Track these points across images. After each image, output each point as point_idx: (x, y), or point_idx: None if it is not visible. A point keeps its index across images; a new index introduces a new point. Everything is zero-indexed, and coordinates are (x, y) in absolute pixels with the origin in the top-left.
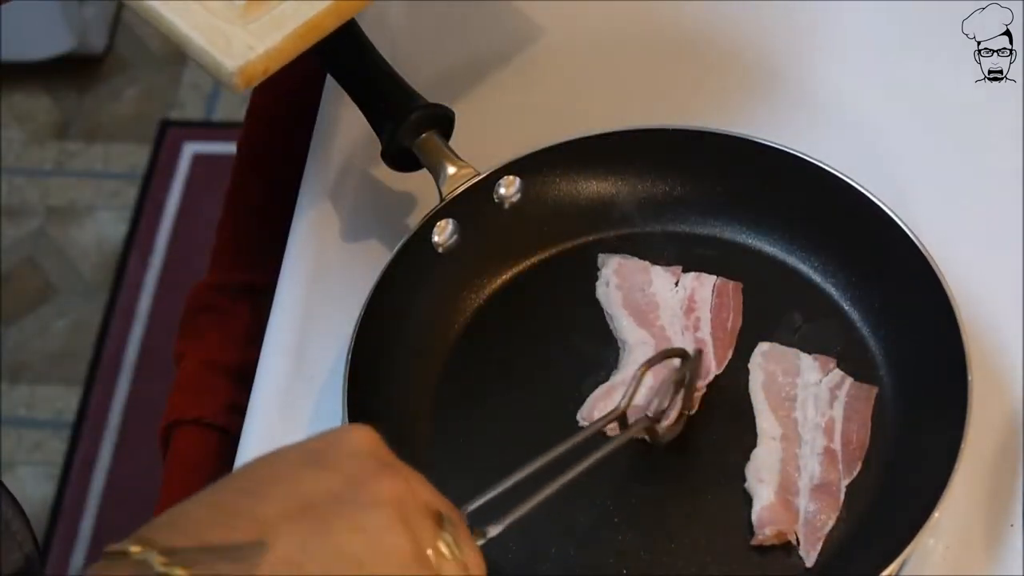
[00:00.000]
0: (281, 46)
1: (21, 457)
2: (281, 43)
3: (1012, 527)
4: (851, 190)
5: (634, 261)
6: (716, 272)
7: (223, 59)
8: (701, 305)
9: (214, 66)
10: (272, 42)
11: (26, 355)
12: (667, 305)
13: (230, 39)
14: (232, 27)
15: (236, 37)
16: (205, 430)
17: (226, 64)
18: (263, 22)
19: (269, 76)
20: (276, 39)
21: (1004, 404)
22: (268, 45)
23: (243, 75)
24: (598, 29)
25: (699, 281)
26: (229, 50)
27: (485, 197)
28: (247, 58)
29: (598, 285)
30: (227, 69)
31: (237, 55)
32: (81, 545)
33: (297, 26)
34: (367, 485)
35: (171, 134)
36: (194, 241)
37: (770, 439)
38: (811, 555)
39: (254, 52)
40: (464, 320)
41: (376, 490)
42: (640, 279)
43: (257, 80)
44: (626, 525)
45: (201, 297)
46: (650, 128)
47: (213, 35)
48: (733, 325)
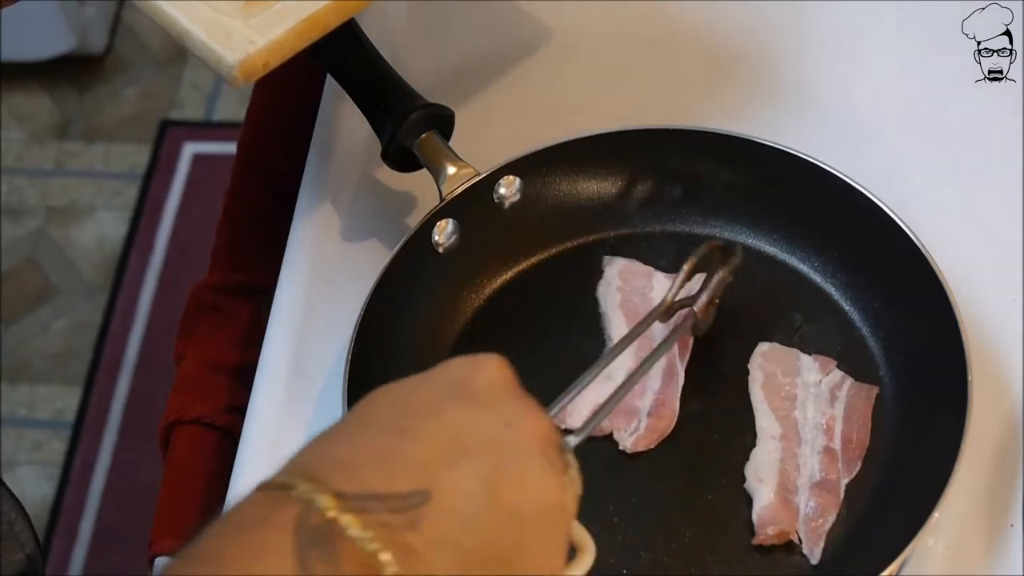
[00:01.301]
0: (281, 40)
1: (21, 457)
2: (281, 37)
3: (1012, 527)
4: (851, 190)
5: (638, 265)
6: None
7: (224, 52)
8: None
9: (214, 60)
10: (273, 36)
11: (26, 355)
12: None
13: (231, 33)
14: (233, 22)
15: (237, 31)
16: (205, 430)
17: (227, 57)
18: (264, 17)
19: (269, 72)
20: (276, 33)
21: (1004, 404)
22: (269, 39)
23: (243, 68)
24: (598, 29)
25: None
26: (229, 44)
27: (485, 197)
28: (247, 51)
29: (599, 285)
30: (227, 62)
31: (238, 49)
32: (81, 545)
33: (298, 21)
34: (519, 427)
35: (171, 134)
36: (194, 241)
37: (770, 439)
38: (815, 552)
39: (255, 46)
40: (464, 320)
41: (528, 432)
42: (641, 283)
43: (257, 74)
44: (626, 525)
45: (201, 297)
46: (650, 128)
47: (214, 29)
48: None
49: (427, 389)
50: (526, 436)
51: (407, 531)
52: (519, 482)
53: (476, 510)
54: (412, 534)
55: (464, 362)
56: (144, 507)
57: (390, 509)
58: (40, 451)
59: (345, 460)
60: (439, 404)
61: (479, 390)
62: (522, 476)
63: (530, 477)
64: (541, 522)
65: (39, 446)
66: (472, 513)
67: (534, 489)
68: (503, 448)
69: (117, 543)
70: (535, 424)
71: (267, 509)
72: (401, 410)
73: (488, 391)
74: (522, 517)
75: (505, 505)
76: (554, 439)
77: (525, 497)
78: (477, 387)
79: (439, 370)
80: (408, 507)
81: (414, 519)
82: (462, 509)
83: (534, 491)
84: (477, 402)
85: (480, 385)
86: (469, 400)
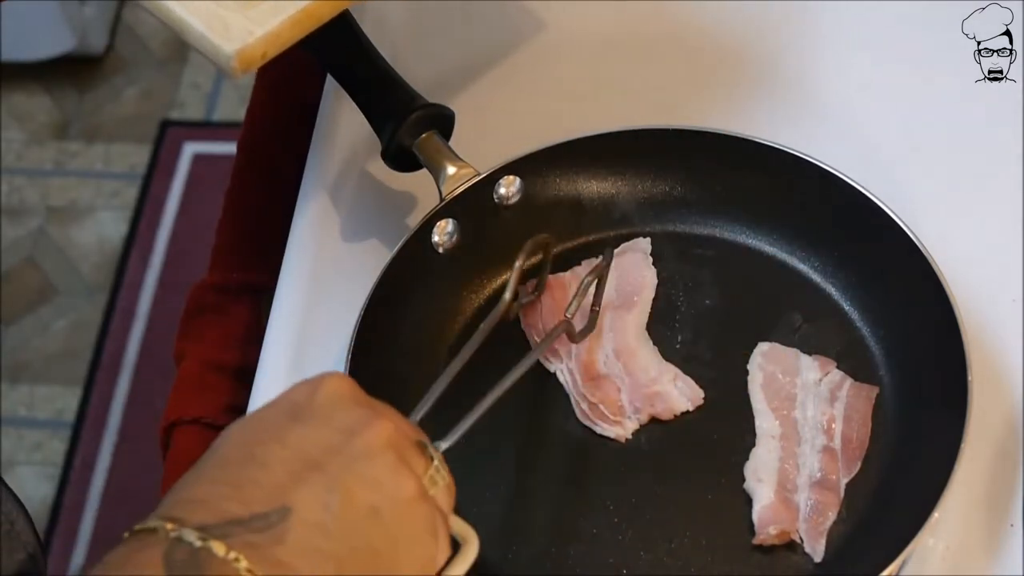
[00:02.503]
0: (279, 31)
1: (21, 457)
2: (279, 28)
3: (1012, 527)
4: (851, 190)
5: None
6: (715, 271)
7: (221, 43)
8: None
9: (212, 50)
10: (270, 26)
11: (26, 355)
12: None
13: (228, 24)
14: (231, 13)
15: (235, 22)
16: (205, 430)
17: (224, 48)
18: (262, 8)
19: (269, 72)
20: (274, 24)
21: (1004, 404)
22: (267, 29)
23: (241, 59)
24: (598, 29)
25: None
26: (227, 34)
27: (485, 197)
28: (245, 42)
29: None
30: (225, 52)
31: (235, 39)
32: (81, 545)
33: (296, 12)
34: (361, 434)
35: (171, 134)
36: (194, 241)
37: (769, 438)
38: (817, 550)
39: (253, 36)
40: (464, 320)
41: (371, 437)
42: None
43: (256, 65)
44: (626, 525)
45: (201, 297)
46: (650, 128)
47: (211, 20)
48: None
49: (270, 417)
50: (370, 439)
51: (274, 546)
52: (372, 483)
53: (335, 516)
54: (279, 548)
55: (303, 384)
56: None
57: (252, 530)
58: (40, 451)
59: (202, 498)
60: (281, 428)
61: (319, 407)
62: (374, 477)
63: (383, 476)
64: (404, 517)
65: (39, 446)
66: (332, 519)
67: (389, 487)
68: (350, 455)
69: (117, 543)
70: (377, 427)
71: (136, 551)
72: (248, 440)
73: (327, 407)
74: (382, 515)
75: (362, 506)
76: (406, 438)
77: (381, 495)
78: (317, 405)
79: (281, 396)
80: (269, 525)
81: (279, 535)
82: (322, 518)
83: (389, 488)
84: (317, 418)
85: (319, 403)
86: (310, 418)
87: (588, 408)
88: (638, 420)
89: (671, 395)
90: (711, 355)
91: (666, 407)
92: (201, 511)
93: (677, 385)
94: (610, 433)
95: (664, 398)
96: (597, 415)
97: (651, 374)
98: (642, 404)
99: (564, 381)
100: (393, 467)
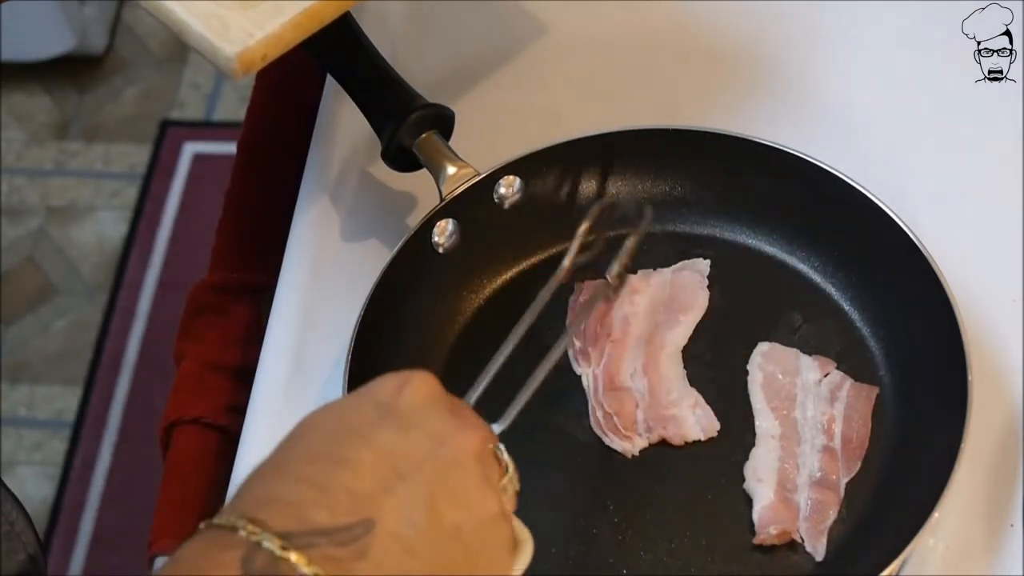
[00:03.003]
0: (280, 32)
1: (21, 457)
2: (280, 29)
3: (1012, 527)
4: (851, 190)
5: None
6: (715, 271)
7: (221, 44)
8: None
9: (212, 52)
10: (271, 28)
11: (26, 355)
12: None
13: (228, 25)
14: (231, 14)
15: (235, 23)
16: (205, 430)
17: (224, 49)
18: (262, 9)
19: (269, 72)
20: (275, 25)
21: (1004, 404)
22: (267, 31)
23: (242, 61)
24: (598, 29)
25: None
26: (227, 36)
27: (485, 197)
28: (246, 44)
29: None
30: (225, 54)
31: (236, 40)
32: (81, 545)
33: (296, 13)
34: (448, 443)
35: (171, 134)
36: (194, 241)
37: (769, 438)
38: (818, 549)
39: (253, 38)
40: (464, 320)
41: (459, 447)
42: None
43: (256, 67)
44: (626, 525)
45: (201, 297)
46: (650, 128)
47: (211, 21)
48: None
49: (355, 414)
50: (458, 451)
51: (355, 562)
52: (458, 499)
53: (420, 533)
54: (360, 564)
55: (389, 381)
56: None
57: (335, 542)
58: (40, 451)
59: (288, 499)
60: (368, 429)
61: (406, 410)
62: (460, 493)
63: (469, 492)
64: (486, 536)
65: (39, 446)
66: (416, 536)
67: (474, 505)
68: (437, 467)
69: (117, 543)
70: (465, 437)
71: (214, 550)
72: (332, 437)
73: (415, 410)
74: (465, 533)
75: (447, 524)
76: (487, 447)
77: (466, 514)
78: (404, 407)
79: (366, 391)
80: (353, 539)
81: (361, 549)
82: (406, 534)
83: (475, 507)
84: (405, 422)
85: (406, 403)
86: (397, 421)
87: (603, 417)
88: (648, 439)
89: (686, 421)
90: (711, 355)
91: (678, 432)
92: (285, 514)
93: (695, 412)
94: (617, 447)
95: (679, 423)
96: (610, 426)
97: (672, 396)
98: (655, 424)
99: (587, 386)
100: (478, 483)
